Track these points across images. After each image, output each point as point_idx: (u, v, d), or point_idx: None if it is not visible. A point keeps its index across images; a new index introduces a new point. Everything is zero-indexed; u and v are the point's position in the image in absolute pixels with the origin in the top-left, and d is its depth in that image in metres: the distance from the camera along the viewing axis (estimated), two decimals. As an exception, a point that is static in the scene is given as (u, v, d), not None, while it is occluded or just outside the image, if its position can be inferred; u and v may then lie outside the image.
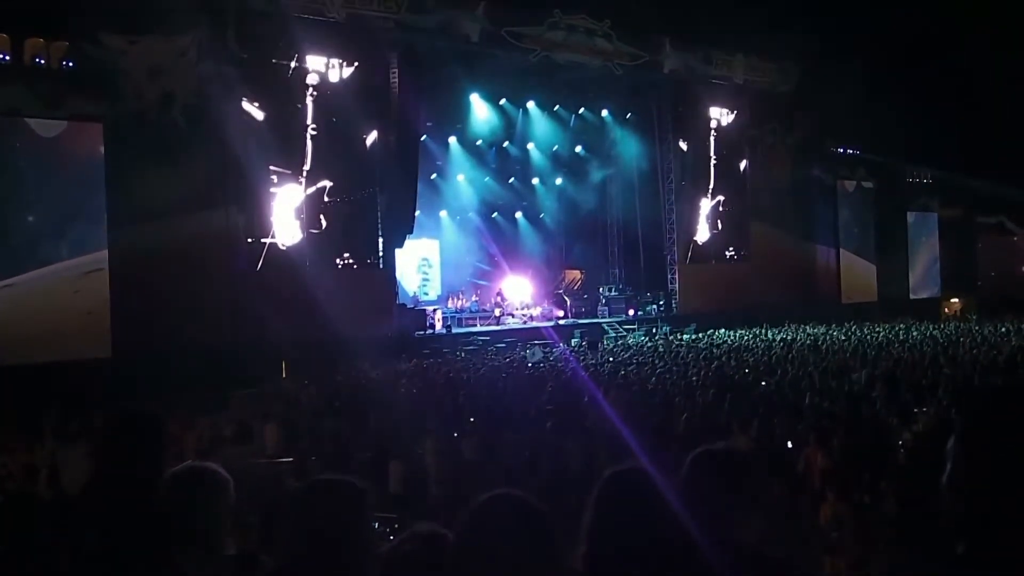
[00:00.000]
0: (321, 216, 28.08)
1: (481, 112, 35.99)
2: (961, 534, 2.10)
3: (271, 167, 27.14)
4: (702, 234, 39.02)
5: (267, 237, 27.00)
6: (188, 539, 3.33)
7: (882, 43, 36.95)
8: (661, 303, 37.87)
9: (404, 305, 31.96)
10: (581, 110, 37.97)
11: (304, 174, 27.75)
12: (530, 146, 39.10)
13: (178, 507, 3.38)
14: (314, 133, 27.87)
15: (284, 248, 27.28)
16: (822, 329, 32.57)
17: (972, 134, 38.07)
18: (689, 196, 38.63)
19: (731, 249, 39.95)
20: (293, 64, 27.25)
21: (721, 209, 39.57)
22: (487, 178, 39.27)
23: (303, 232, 27.70)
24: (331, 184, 28.23)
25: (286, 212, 27.45)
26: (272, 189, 27.20)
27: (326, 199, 28.18)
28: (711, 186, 39.31)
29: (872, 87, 37.28)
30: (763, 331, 32.54)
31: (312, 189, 27.88)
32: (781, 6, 32.01)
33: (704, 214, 39.14)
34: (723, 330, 33.19)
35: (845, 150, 43.10)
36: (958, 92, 37.84)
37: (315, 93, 27.83)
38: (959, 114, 37.52)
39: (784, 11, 32.30)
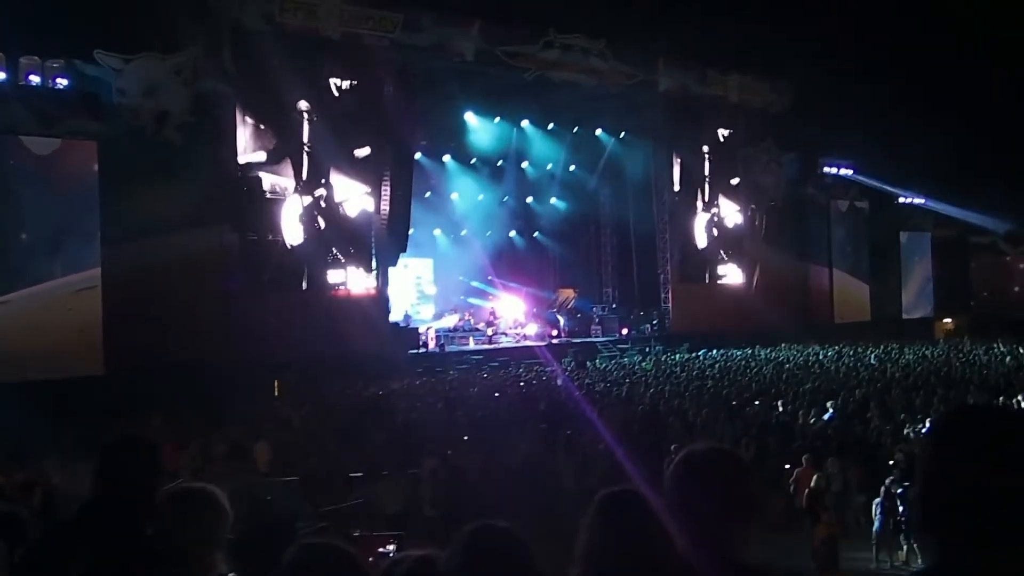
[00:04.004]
0: (319, 219, 28.16)
1: (476, 130, 36.05)
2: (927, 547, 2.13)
3: (266, 186, 27.18)
4: (696, 253, 39.03)
5: (274, 237, 27.32)
6: (179, 560, 3.33)
7: (877, 64, 37.13)
8: (655, 323, 37.82)
9: (397, 323, 31.94)
10: (576, 128, 37.99)
11: (300, 192, 27.79)
12: (525, 164, 39.20)
13: (171, 527, 3.38)
14: (309, 152, 27.88)
15: (290, 248, 27.50)
16: (815, 349, 32.58)
17: (967, 156, 38.17)
18: (683, 215, 38.64)
19: (724, 269, 39.95)
20: (288, 83, 27.25)
21: (715, 229, 39.60)
22: (481, 196, 39.31)
23: (303, 235, 27.87)
24: (325, 194, 28.29)
25: (286, 222, 27.61)
26: (269, 204, 27.27)
27: (323, 204, 28.27)
28: (705, 205, 39.35)
29: (866, 107, 37.36)
30: (756, 351, 32.54)
31: (308, 200, 27.94)
32: (776, 26, 32.13)
33: (698, 233, 39.16)
34: (716, 350, 33.17)
35: (839, 170, 43.15)
36: (955, 113, 37.94)
37: (310, 111, 27.84)
38: (954, 136, 37.59)
39: (779, 31, 32.43)
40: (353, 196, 29.02)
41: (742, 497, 2.82)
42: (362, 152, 29.06)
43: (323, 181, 28.30)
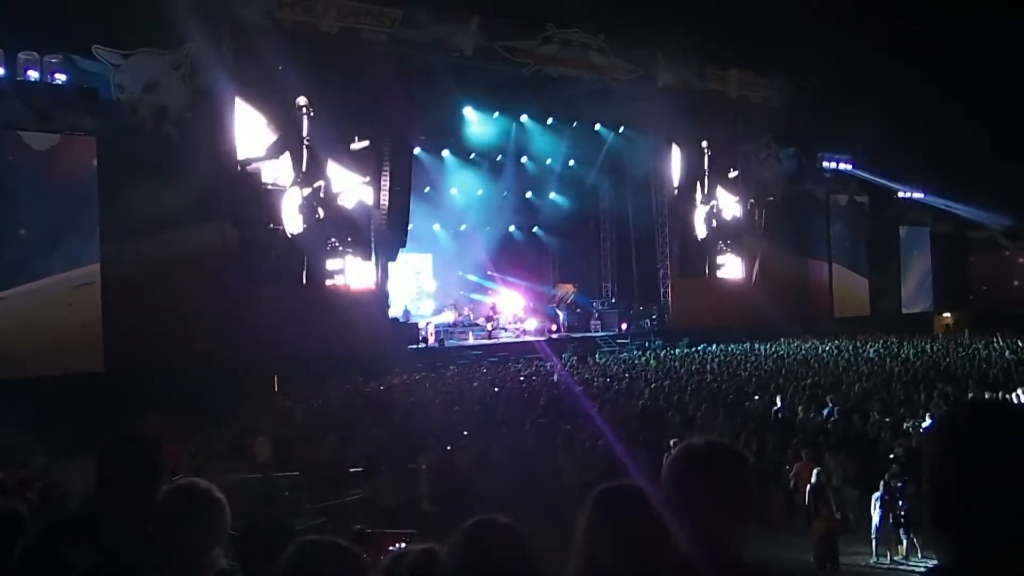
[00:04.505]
0: (319, 209, 28.31)
1: (475, 125, 36.04)
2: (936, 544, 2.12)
3: (264, 180, 27.23)
4: (695, 248, 39.07)
5: (275, 225, 27.52)
6: (179, 557, 3.34)
7: (876, 58, 37.09)
8: (654, 317, 37.84)
9: (397, 319, 31.93)
10: (575, 123, 37.98)
11: (299, 184, 27.86)
12: (524, 159, 39.17)
13: (171, 525, 3.40)
14: (308, 145, 27.92)
15: (291, 236, 27.68)
16: (815, 344, 32.59)
17: (966, 151, 38.11)
18: (682, 210, 38.67)
19: (723, 259, 40.02)
20: (287, 78, 27.25)
21: (714, 223, 39.63)
22: (481, 191, 39.29)
23: (303, 225, 28.05)
24: (324, 185, 28.42)
25: (286, 212, 27.81)
26: (269, 195, 27.45)
27: (322, 195, 28.41)
28: (704, 200, 39.37)
29: (866, 102, 37.32)
30: (755, 345, 32.55)
31: (308, 192, 28.05)
32: (775, 21, 32.07)
33: (697, 228, 39.18)
34: (716, 345, 33.18)
35: (838, 164, 43.12)
36: (955, 107, 37.89)
37: (309, 106, 27.84)
38: (954, 130, 37.55)
39: (778, 26, 32.36)
40: (351, 186, 29.14)
41: (741, 492, 2.81)
42: (360, 144, 29.09)
43: (322, 173, 28.41)
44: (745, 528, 2.77)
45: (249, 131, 26.87)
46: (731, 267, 40.17)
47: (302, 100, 27.70)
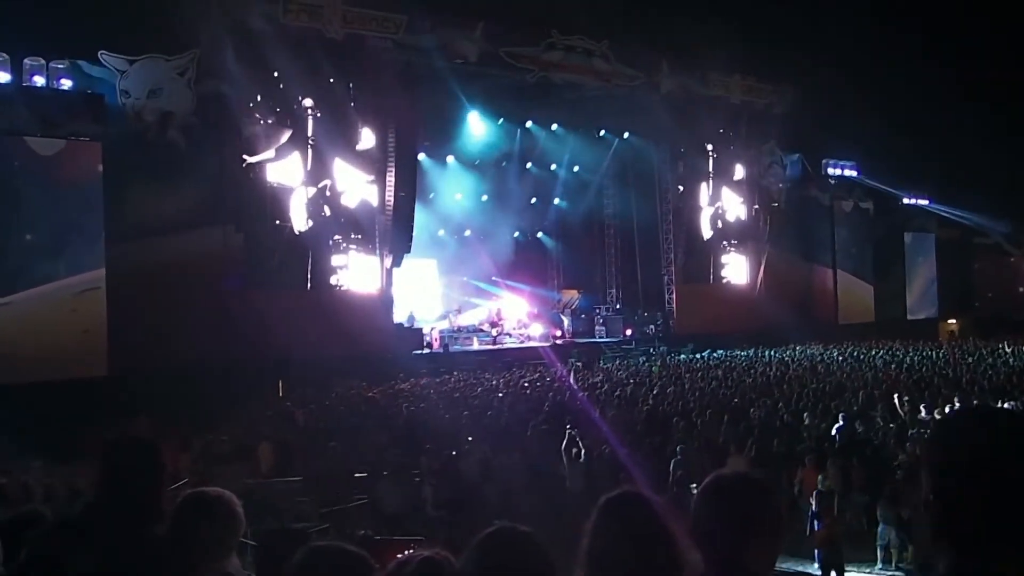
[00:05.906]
0: (325, 207, 28.45)
1: (479, 131, 36.02)
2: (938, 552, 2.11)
3: (271, 177, 27.30)
4: (700, 250, 39.06)
5: (285, 222, 27.76)
6: (191, 564, 3.35)
7: (880, 65, 37.11)
8: (659, 323, 37.81)
9: (401, 324, 31.92)
10: (579, 129, 37.97)
11: (306, 183, 28.05)
12: (529, 164, 39.18)
13: (188, 532, 3.42)
14: (313, 145, 28.01)
15: (298, 233, 27.89)
16: (819, 350, 32.53)
17: (971, 157, 38.09)
18: (686, 216, 38.66)
19: (727, 259, 40.02)
20: (292, 82, 27.30)
21: (719, 224, 39.61)
22: (485, 197, 39.26)
23: (310, 222, 28.24)
24: (330, 183, 28.59)
25: (294, 210, 28.00)
26: (276, 193, 27.61)
27: (328, 193, 28.60)
28: (708, 206, 39.35)
29: (870, 108, 37.30)
30: (760, 352, 32.50)
31: (313, 192, 28.26)
32: (778, 28, 32.10)
33: (701, 234, 39.15)
34: (720, 351, 33.13)
35: (843, 170, 43.10)
36: (959, 113, 37.87)
37: (314, 111, 27.91)
38: (958, 136, 37.54)
39: (781, 33, 32.39)
40: (356, 185, 29.31)
41: (769, 525, 2.77)
42: (365, 145, 29.20)
43: (328, 172, 28.59)
44: (772, 559, 2.75)
45: (255, 133, 26.91)
46: (736, 270, 40.11)
47: (308, 102, 27.80)
